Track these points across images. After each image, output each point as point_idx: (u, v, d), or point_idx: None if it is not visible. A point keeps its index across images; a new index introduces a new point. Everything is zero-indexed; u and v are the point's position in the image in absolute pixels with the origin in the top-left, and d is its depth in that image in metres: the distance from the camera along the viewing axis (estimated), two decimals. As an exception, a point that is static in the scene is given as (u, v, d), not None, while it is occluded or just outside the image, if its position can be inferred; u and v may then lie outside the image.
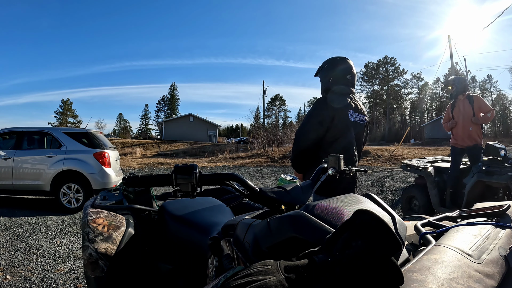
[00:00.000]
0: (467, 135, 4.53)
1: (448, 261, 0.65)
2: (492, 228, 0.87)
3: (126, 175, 0.89)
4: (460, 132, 4.58)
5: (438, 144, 28.85)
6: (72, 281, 2.97)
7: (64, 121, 60.23)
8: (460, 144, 4.58)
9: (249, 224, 0.92)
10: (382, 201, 0.92)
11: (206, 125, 44.50)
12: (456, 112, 4.65)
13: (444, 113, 4.96)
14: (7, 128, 6.69)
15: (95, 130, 6.97)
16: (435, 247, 0.74)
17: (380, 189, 7.58)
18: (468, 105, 4.56)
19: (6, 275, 3.02)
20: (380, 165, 14.09)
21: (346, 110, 1.95)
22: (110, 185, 6.14)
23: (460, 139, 4.57)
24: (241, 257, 0.91)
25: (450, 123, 4.70)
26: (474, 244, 0.75)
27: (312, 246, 0.65)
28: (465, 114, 4.55)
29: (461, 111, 4.59)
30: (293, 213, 0.81)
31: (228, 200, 1.26)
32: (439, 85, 62.52)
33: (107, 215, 1.60)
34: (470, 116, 4.50)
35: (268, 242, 0.81)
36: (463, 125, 4.55)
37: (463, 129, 4.55)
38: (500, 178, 3.91)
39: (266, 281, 0.57)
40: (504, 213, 0.99)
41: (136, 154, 22.51)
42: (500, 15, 16.54)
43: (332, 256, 0.58)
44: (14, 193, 6.18)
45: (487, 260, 0.68)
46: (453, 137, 4.72)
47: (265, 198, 0.91)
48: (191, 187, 0.88)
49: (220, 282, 0.81)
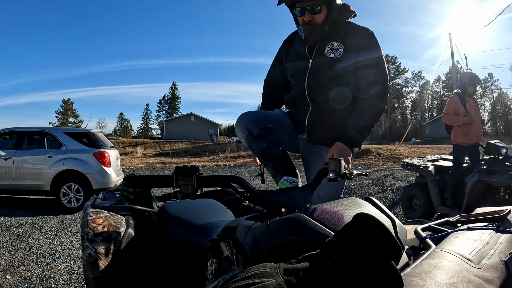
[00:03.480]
0: (479, 132, 4.57)
1: (448, 266, 0.65)
2: (492, 233, 0.86)
3: (127, 176, 0.89)
4: (473, 129, 4.52)
5: (439, 142, 28.86)
6: (72, 281, 2.97)
7: (65, 121, 60.35)
8: (467, 143, 4.50)
9: (249, 227, 0.92)
10: (382, 205, 0.92)
11: (207, 124, 44.53)
12: (469, 108, 4.55)
13: (450, 105, 4.59)
14: (8, 128, 6.70)
15: (95, 129, 6.98)
16: (435, 252, 0.74)
17: (381, 188, 7.58)
18: (475, 103, 4.61)
19: (6, 275, 3.03)
20: (381, 164, 14.09)
21: None
22: (110, 184, 6.15)
23: (474, 137, 4.52)
24: (240, 259, 0.91)
25: (467, 118, 4.46)
26: (474, 249, 0.74)
27: (311, 250, 0.65)
28: (477, 111, 4.61)
29: (472, 107, 4.58)
30: (293, 216, 0.81)
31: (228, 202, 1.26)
32: (440, 84, 62.55)
33: (107, 215, 1.60)
34: (479, 113, 4.58)
35: (267, 244, 0.80)
36: (476, 122, 4.56)
37: (476, 126, 4.55)
38: (501, 177, 3.90)
39: (265, 283, 0.57)
40: (505, 218, 0.99)
41: (137, 153, 22.53)
42: (500, 13, 16.55)
43: (332, 260, 0.58)
44: (14, 193, 6.20)
45: (487, 265, 0.68)
46: (460, 135, 4.53)
47: (265, 201, 0.91)
48: (192, 188, 0.88)
49: (219, 284, 0.81)
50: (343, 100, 1.59)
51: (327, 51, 1.54)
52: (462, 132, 4.54)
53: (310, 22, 1.48)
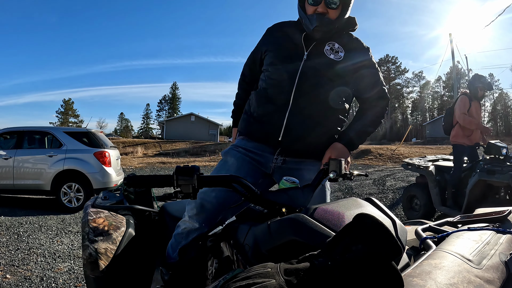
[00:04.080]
0: (479, 134, 4.63)
1: (448, 266, 0.65)
2: (492, 233, 0.87)
3: (127, 175, 0.89)
4: (474, 132, 4.60)
5: (440, 143, 28.85)
6: (72, 280, 2.97)
7: (66, 121, 60.40)
8: (467, 143, 4.57)
9: (249, 227, 0.92)
10: (383, 205, 0.92)
11: (208, 124, 44.49)
12: (474, 111, 4.65)
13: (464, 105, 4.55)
14: (8, 128, 6.71)
15: (95, 129, 6.97)
16: (435, 252, 0.74)
17: (381, 188, 7.58)
18: (479, 106, 4.72)
19: (6, 274, 3.03)
20: (382, 164, 14.09)
21: None
22: (110, 184, 6.15)
23: (474, 138, 4.59)
24: (240, 259, 0.91)
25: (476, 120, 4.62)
26: (474, 249, 0.75)
27: (312, 250, 0.65)
28: (479, 114, 4.71)
29: (476, 110, 4.65)
30: (293, 216, 0.81)
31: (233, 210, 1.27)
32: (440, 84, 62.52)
33: (107, 215, 1.60)
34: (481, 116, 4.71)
35: (268, 245, 0.80)
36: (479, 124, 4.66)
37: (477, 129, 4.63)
38: (502, 177, 3.90)
39: (266, 283, 0.57)
40: (505, 219, 0.99)
41: (138, 153, 22.51)
42: (501, 13, 16.50)
43: (332, 260, 0.58)
44: (14, 192, 6.20)
45: (488, 265, 0.68)
46: (461, 135, 4.58)
47: (266, 201, 0.91)
48: (192, 188, 0.88)
49: (219, 284, 0.81)
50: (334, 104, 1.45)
51: (327, 50, 1.44)
52: (464, 134, 4.58)
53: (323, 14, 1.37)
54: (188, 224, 1.41)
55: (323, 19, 1.36)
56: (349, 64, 1.44)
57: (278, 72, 1.45)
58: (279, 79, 1.44)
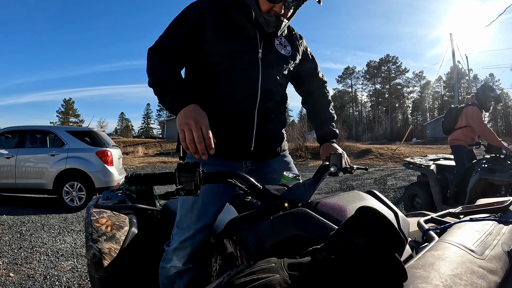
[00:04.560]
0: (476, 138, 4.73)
1: (451, 257, 0.65)
2: (495, 224, 0.87)
3: (129, 174, 0.89)
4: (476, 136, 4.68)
5: (440, 143, 28.80)
6: (75, 278, 2.98)
7: (66, 121, 60.37)
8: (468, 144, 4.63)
9: (252, 223, 0.93)
10: (385, 198, 0.92)
11: (208, 124, 44.40)
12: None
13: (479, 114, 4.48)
14: (10, 127, 6.72)
15: (97, 128, 6.98)
16: (438, 244, 0.74)
17: (382, 187, 7.58)
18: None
19: (9, 273, 3.04)
20: (382, 164, 14.09)
21: None
22: (112, 183, 6.16)
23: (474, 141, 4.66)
24: (244, 255, 0.91)
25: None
26: (477, 240, 0.75)
27: (315, 244, 0.65)
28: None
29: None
30: (296, 211, 0.81)
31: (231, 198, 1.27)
32: (441, 84, 62.43)
33: (110, 215, 1.61)
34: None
35: (271, 240, 0.81)
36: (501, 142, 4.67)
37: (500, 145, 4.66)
38: (503, 175, 3.91)
39: (270, 279, 0.58)
40: (507, 209, 0.99)
41: (138, 153, 22.52)
42: (502, 13, 16.50)
43: (335, 254, 0.58)
44: (17, 191, 6.22)
45: (490, 256, 0.68)
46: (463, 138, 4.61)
47: (268, 196, 0.91)
48: (194, 185, 0.87)
49: (224, 280, 0.81)
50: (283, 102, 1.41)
51: (277, 44, 1.33)
52: (466, 137, 4.60)
53: (280, 15, 1.22)
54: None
55: (280, 22, 1.23)
56: (296, 57, 1.41)
57: (238, 67, 1.26)
58: (240, 79, 1.26)
